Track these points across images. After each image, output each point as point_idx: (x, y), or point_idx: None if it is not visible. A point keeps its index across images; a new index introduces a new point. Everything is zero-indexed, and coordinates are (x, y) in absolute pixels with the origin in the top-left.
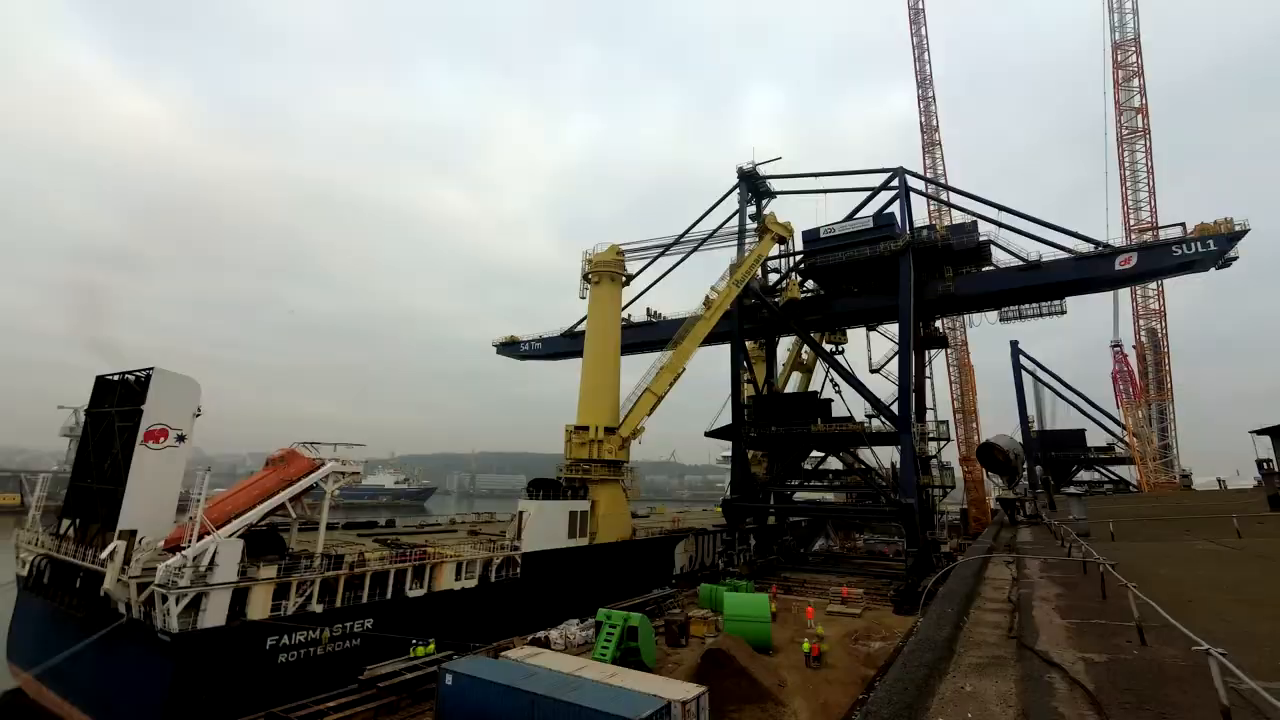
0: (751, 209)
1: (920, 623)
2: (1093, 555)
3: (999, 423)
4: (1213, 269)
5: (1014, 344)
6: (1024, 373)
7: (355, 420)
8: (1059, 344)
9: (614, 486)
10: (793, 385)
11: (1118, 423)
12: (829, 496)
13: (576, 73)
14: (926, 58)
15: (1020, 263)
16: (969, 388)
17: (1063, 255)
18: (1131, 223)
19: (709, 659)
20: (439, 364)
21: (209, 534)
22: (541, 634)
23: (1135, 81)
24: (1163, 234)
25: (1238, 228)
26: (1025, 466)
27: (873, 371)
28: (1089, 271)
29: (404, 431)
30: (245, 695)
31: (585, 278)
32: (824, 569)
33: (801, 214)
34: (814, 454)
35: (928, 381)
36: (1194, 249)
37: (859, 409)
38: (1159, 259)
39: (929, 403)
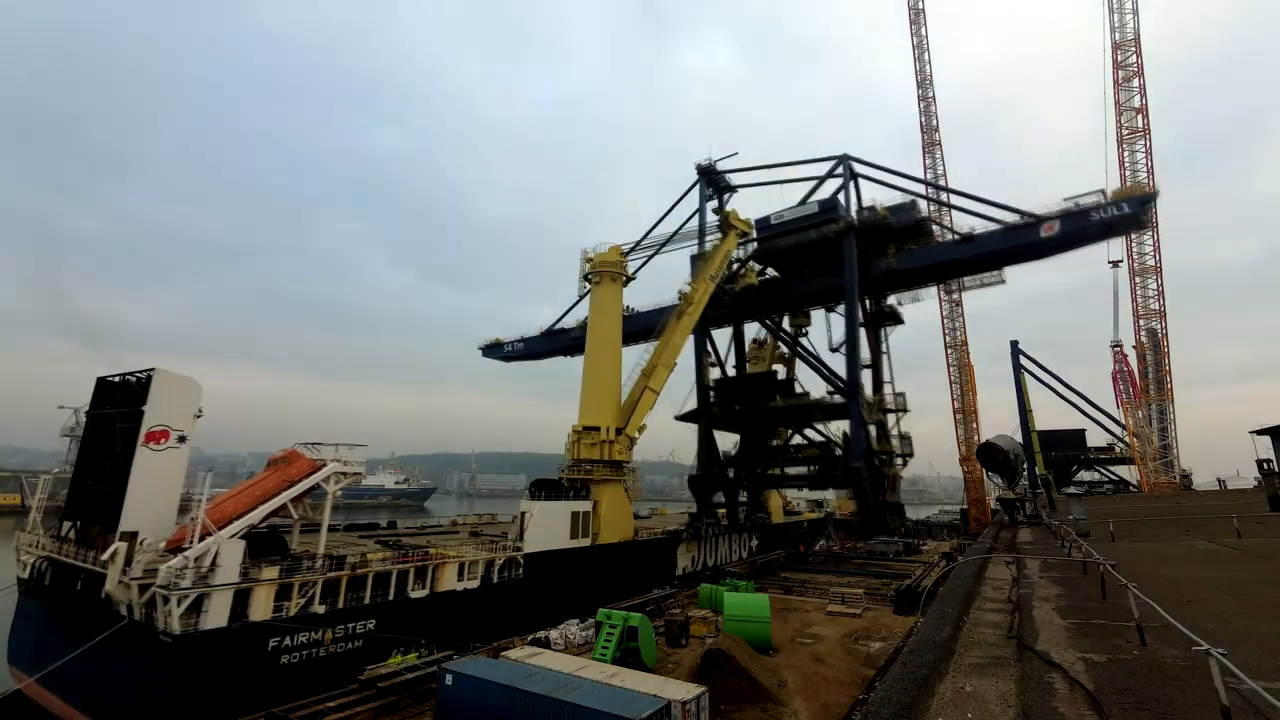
0: (714, 204)
1: (920, 623)
2: (1093, 555)
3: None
4: (1133, 233)
5: (1014, 344)
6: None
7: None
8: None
9: (616, 486)
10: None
11: (1118, 423)
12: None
13: None
14: (926, 58)
15: (956, 237)
16: (969, 388)
17: (995, 227)
18: None
19: (709, 659)
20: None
21: (211, 534)
22: (541, 634)
23: (1135, 81)
24: (1083, 202)
25: (1148, 190)
26: (1025, 466)
27: (833, 350)
28: (1017, 240)
29: (404, 431)
30: (247, 697)
31: (585, 278)
32: (824, 569)
33: (761, 206)
34: (784, 435)
35: (884, 357)
36: (1110, 213)
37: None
38: (1080, 223)
39: (886, 377)
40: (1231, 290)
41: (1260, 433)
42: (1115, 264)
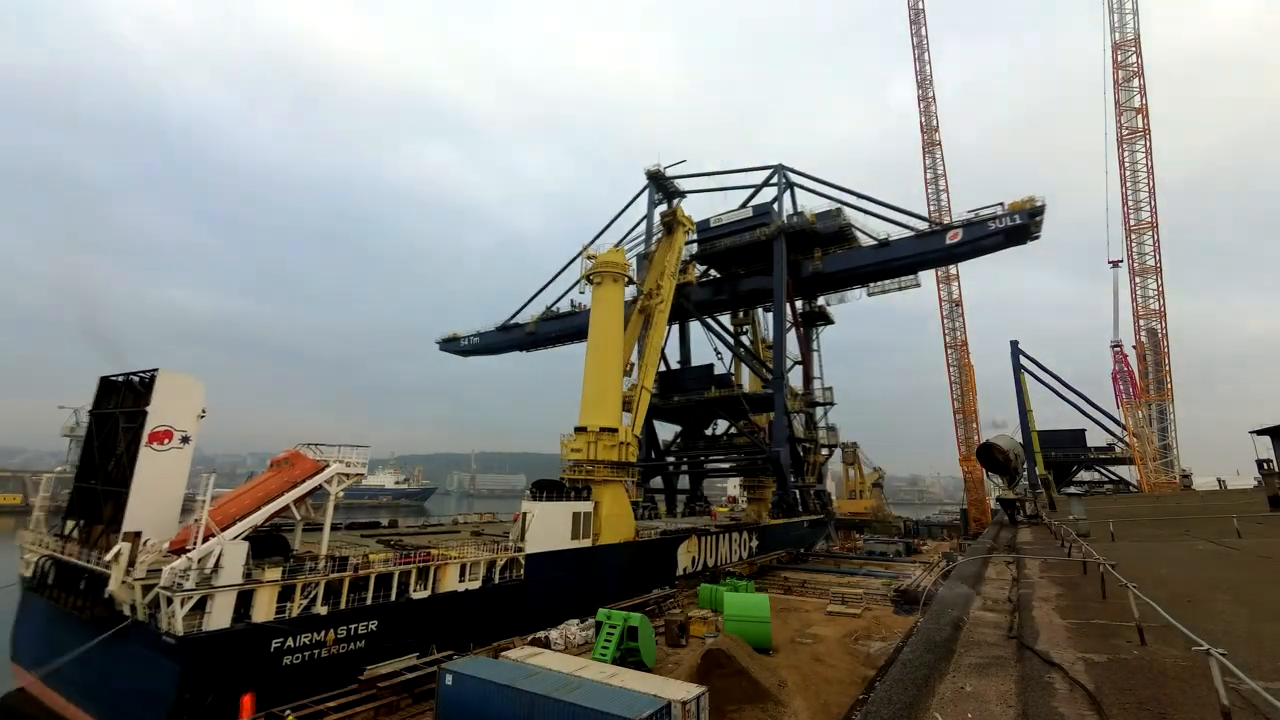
0: (663, 208)
1: (920, 623)
2: (1093, 555)
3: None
4: (1029, 241)
5: (1014, 344)
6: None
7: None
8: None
9: (617, 487)
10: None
11: (1118, 423)
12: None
13: None
14: (926, 58)
15: (874, 242)
16: (969, 388)
17: (908, 234)
18: (1132, 223)
19: (709, 659)
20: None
21: (214, 536)
22: (541, 634)
23: (1135, 81)
24: (983, 213)
25: (1038, 204)
26: (1025, 467)
27: (768, 347)
28: (927, 246)
29: (404, 431)
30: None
31: (587, 278)
32: (824, 569)
33: (707, 211)
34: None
35: (815, 354)
36: (1005, 223)
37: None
38: (980, 232)
39: (816, 372)
40: None
41: (1260, 433)
42: (1115, 264)
